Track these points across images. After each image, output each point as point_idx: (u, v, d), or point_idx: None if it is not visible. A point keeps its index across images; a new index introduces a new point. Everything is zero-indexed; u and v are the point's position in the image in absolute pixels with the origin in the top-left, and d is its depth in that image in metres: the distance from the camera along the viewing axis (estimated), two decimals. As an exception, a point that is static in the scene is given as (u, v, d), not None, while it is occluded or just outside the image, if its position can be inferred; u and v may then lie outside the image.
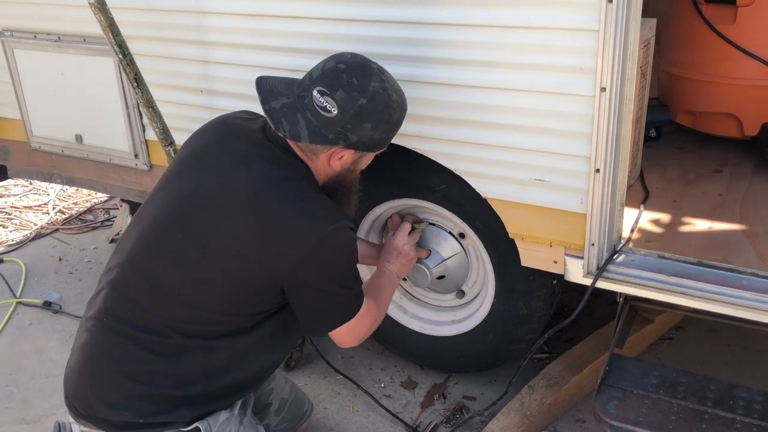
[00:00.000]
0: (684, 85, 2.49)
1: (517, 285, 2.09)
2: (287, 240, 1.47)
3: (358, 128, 1.51)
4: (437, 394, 2.39)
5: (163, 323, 1.52)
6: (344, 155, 1.56)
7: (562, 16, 1.61)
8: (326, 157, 1.57)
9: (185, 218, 1.52)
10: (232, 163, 1.55)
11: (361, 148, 1.57)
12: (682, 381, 1.88)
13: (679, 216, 2.07)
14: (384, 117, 1.54)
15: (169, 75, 2.29)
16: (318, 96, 1.48)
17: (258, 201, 1.49)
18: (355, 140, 1.53)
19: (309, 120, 1.50)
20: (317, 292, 1.54)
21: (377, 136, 1.56)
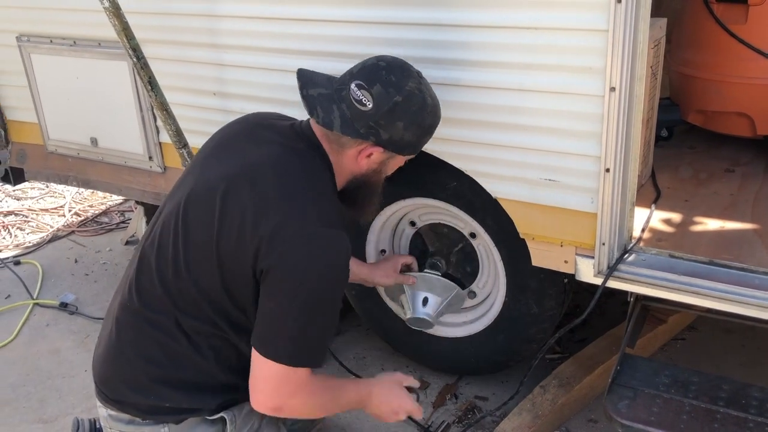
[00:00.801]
0: (695, 85, 2.49)
1: (529, 284, 2.10)
2: (273, 222, 1.42)
3: (390, 125, 1.51)
4: (449, 394, 2.40)
5: (181, 309, 1.52)
6: (373, 153, 1.55)
7: (570, 17, 1.62)
8: (355, 153, 1.56)
9: (204, 201, 1.52)
10: (253, 147, 1.56)
11: (390, 148, 1.56)
12: (694, 380, 1.87)
13: (691, 215, 2.07)
14: (417, 119, 1.54)
15: (182, 78, 2.31)
16: (355, 89, 1.49)
17: (263, 176, 1.48)
18: (386, 138, 1.52)
19: (343, 111, 1.50)
20: (273, 293, 1.44)
21: (408, 137, 1.55)
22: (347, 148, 1.55)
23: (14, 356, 2.77)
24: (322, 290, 1.44)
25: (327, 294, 1.45)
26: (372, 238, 2.34)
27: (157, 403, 1.54)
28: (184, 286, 1.51)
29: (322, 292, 1.44)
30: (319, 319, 1.46)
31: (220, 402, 1.57)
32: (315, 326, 1.46)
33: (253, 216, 1.43)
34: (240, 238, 1.44)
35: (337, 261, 1.45)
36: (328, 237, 1.44)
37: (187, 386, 1.55)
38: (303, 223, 1.43)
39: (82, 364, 2.68)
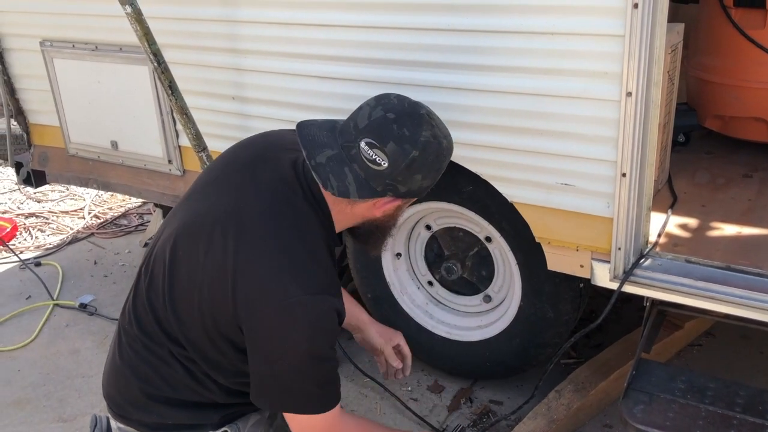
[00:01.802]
0: (713, 90, 2.48)
1: (544, 288, 2.10)
2: (252, 286, 1.37)
3: (409, 180, 1.42)
4: (464, 398, 2.40)
5: (172, 340, 1.51)
6: (390, 204, 1.49)
7: (587, 22, 1.63)
8: (370, 205, 1.48)
9: (193, 239, 1.48)
10: (250, 186, 1.50)
11: (408, 196, 1.49)
12: (710, 386, 1.86)
13: (708, 221, 2.06)
14: (435, 166, 1.45)
15: (202, 82, 2.34)
16: (367, 149, 1.38)
17: (251, 226, 1.43)
18: (404, 191, 1.45)
19: (356, 173, 1.40)
20: (257, 357, 1.41)
21: (426, 184, 1.47)
22: (360, 202, 1.47)
23: (34, 356, 2.81)
24: (305, 360, 1.38)
25: (312, 361, 1.39)
26: (388, 241, 2.35)
27: (159, 421, 1.55)
28: (171, 319, 1.49)
29: (306, 362, 1.38)
30: (308, 373, 1.41)
31: (222, 415, 1.56)
32: (307, 378, 1.42)
33: (233, 273, 1.38)
34: (221, 291, 1.40)
35: (318, 328, 1.37)
36: (308, 306, 1.36)
37: (187, 405, 1.54)
38: (281, 292, 1.36)
39: (100, 364, 2.68)
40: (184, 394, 1.54)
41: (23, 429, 2.41)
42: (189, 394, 1.54)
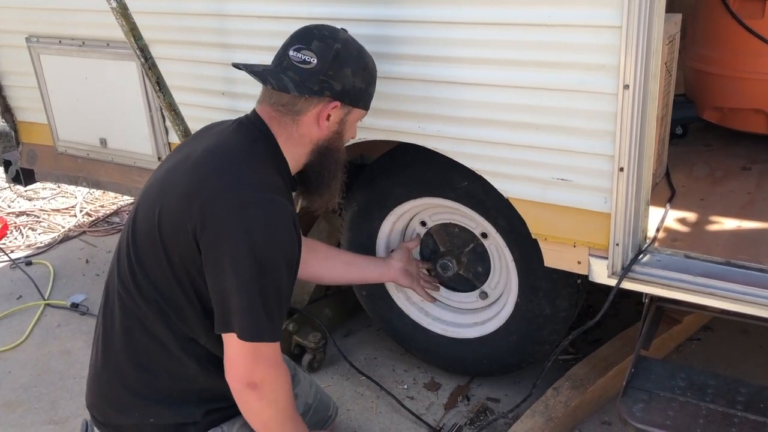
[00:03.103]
0: (711, 81, 2.45)
1: (541, 284, 2.07)
2: (204, 198, 1.41)
3: (340, 73, 1.54)
4: (461, 395, 2.38)
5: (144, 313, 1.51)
6: (331, 114, 1.57)
7: (583, 13, 1.59)
8: (313, 117, 1.56)
9: (147, 198, 1.54)
10: (195, 143, 1.60)
11: (346, 100, 1.58)
12: (711, 383, 1.84)
13: (707, 215, 2.03)
14: (360, 63, 1.59)
15: (190, 78, 2.30)
16: (295, 53, 1.54)
17: (196, 160, 1.49)
18: (339, 89, 1.55)
19: (292, 77, 1.53)
20: (217, 271, 1.41)
21: (358, 83, 1.59)
22: (303, 115, 1.56)
23: (26, 357, 2.77)
24: (264, 256, 1.39)
25: (270, 260, 1.40)
26: (382, 238, 2.33)
27: (140, 422, 1.52)
28: (140, 282, 1.50)
29: (264, 259, 1.39)
30: (269, 288, 1.41)
31: (204, 410, 1.54)
32: (265, 296, 1.41)
33: (186, 199, 1.43)
34: (178, 221, 1.43)
35: (275, 224, 1.41)
36: (262, 202, 1.42)
37: (167, 397, 1.53)
38: (234, 194, 1.41)
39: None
40: (164, 380, 1.52)
41: (14, 431, 2.38)
42: (168, 378, 1.52)
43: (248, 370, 1.45)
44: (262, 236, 1.39)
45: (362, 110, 1.67)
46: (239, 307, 1.40)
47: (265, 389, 1.47)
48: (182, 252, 1.44)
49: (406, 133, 1.96)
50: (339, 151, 1.66)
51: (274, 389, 1.49)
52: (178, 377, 1.53)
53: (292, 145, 1.58)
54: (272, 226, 1.41)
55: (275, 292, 1.43)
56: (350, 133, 1.69)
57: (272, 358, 1.46)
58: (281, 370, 1.49)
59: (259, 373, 1.45)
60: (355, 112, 1.64)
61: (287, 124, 1.57)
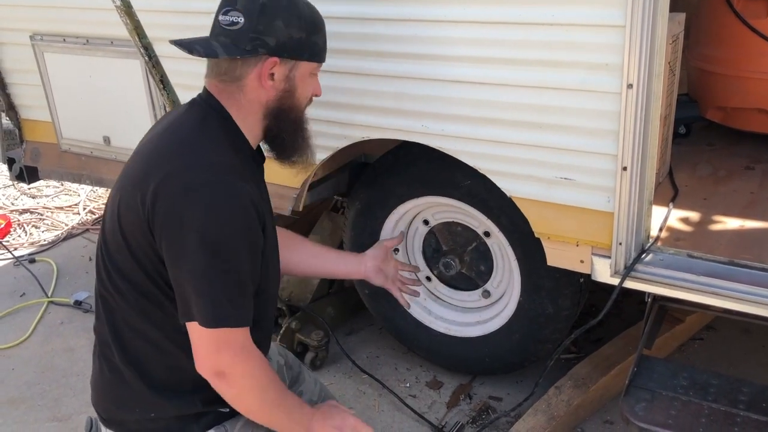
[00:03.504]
0: (715, 81, 2.45)
1: (544, 283, 2.07)
2: (154, 184, 1.35)
3: (270, 27, 1.43)
4: (463, 394, 2.38)
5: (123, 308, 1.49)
6: (274, 71, 1.46)
7: (587, 13, 1.59)
8: (255, 80, 1.46)
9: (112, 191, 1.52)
10: (158, 124, 1.58)
11: (285, 54, 1.45)
12: (713, 383, 1.84)
13: (710, 214, 2.03)
14: (293, 11, 1.46)
15: (194, 77, 2.30)
16: (223, 17, 1.46)
17: (147, 144, 1.47)
18: (273, 44, 1.43)
19: (222, 41, 1.45)
20: (173, 257, 1.35)
21: (295, 34, 1.45)
22: (245, 79, 1.46)
23: (29, 354, 2.78)
24: (216, 240, 1.32)
25: (223, 243, 1.33)
26: (385, 236, 2.33)
27: (142, 416, 1.50)
28: (114, 279, 1.47)
29: (217, 243, 1.33)
30: (227, 272, 1.35)
31: (203, 397, 1.49)
32: (223, 281, 1.34)
33: (138, 187, 1.38)
34: (134, 210, 1.38)
35: (224, 206, 1.34)
36: (210, 183, 1.35)
37: (165, 390, 1.49)
38: (180, 179, 1.35)
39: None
40: (157, 372, 1.49)
41: (18, 428, 2.38)
42: (161, 370, 1.49)
43: (212, 358, 1.38)
44: (211, 220, 1.32)
45: (311, 62, 1.51)
46: (196, 294, 1.34)
47: (234, 377, 1.40)
48: (141, 241, 1.39)
49: (410, 132, 1.96)
50: (294, 110, 1.53)
51: (244, 377, 1.41)
52: (170, 370, 1.50)
53: (245, 115, 1.49)
54: (221, 208, 1.34)
55: (234, 276, 1.36)
56: (307, 89, 1.54)
57: (237, 344, 1.39)
58: (250, 356, 1.41)
59: (224, 361, 1.38)
60: (303, 65, 1.49)
61: (234, 93, 1.48)
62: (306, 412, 1.51)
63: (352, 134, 2.06)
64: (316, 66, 1.54)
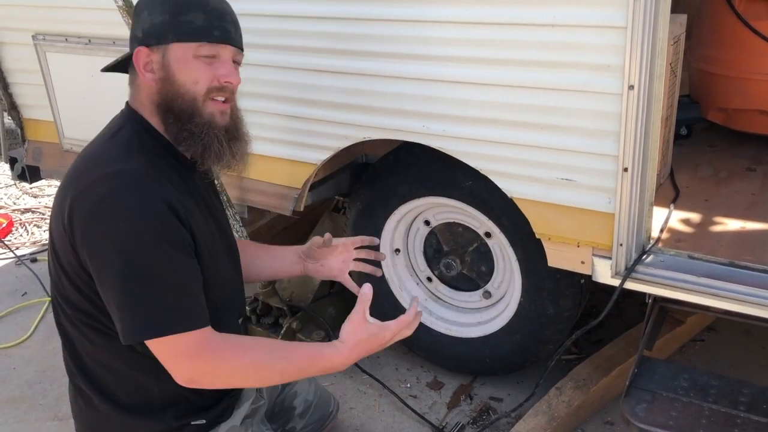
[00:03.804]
0: (716, 82, 2.45)
1: (545, 284, 2.07)
2: (67, 208, 1.33)
3: (138, 21, 1.41)
4: (463, 394, 2.38)
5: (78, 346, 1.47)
6: (147, 59, 1.40)
7: (588, 13, 1.59)
8: (141, 74, 1.41)
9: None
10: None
11: (152, 41, 1.38)
12: (714, 384, 1.84)
13: (711, 215, 2.03)
14: (153, 0, 1.40)
15: (196, 76, 2.30)
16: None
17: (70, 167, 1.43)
18: (141, 34, 1.40)
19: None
20: (100, 277, 1.31)
21: (157, 19, 1.38)
22: (135, 78, 1.44)
23: (30, 354, 2.78)
24: (132, 248, 1.27)
25: (141, 250, 1.28)
26: (386, 236, 2.33)
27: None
28: (63, 307, 1.44)
29: (133, 251, 1.27)
30: (153, 278, 1.29)
31: (174, 413, 1.47)
32: (150, 287, 1.28)
33: (59, 210, 1.36)
34: (60, 235, 1.36)
35: (136, 209, 1.28)
36: (119, 191, 1.29)
37: (134, 411, 1.46)
38: (91, 192, 1.30)
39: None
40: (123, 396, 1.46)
41: (18, 427, 2.39)
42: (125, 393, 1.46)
43: (176, 369, 1.33)
44: (122, 229, 1.27)
45: (182, 43, 1.38)
46: (127, 308, 1.29)
47: (206, 377, 1.36)
48: (74, 264, 1.36)
49: (411, 133, 1.96)
50: (179, 98, 1.40)
51: (217, 373, 1.35)
52: (133, 391, 1.46)
53: (148, 115, 1.44)
54: (130, 214, 1.28)
55: (164, 280, 1.30)
56: (191, 73, 1.39)
57: (190, 348, 1.32)
58: (207, 353, 1.33)
59: (186, 368, 1.33)
60: (174, 48, 1.38)
61: (135, 95, 1.45)
62: (321, 351, 1.44)
63: (353, 134, 2.07)
64: (194, 46, 1.39)
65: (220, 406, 1.56)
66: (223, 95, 1.43)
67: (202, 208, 1.49)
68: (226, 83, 1.42)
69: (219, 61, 1.41)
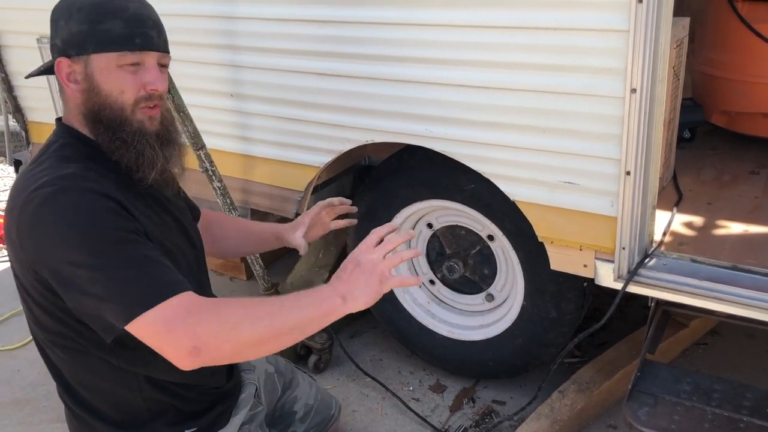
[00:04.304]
0: (719, 85, 2.44)
1: (547, 287, 2.07)
2: (13, 222, 1.30)
3: (55, 30, 1.37)
4: (466, 398, 2.38)
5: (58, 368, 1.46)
6: (69, 69, 1.36)
7: (590, 17, 1.59)
8: (65, 85, 1.37)
9: None
10: None
11: (72, 52, 1.34)
12: (717, 388, 1.84)
13: (714, 219, 2.03)
14: (70, 7, 1.35)
15: (199, 80, 2.32)
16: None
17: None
18: (60, 45, 1.36)
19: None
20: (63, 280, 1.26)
21: (75, 28, 1.34)
22: (61, 89, 1.40)
23: (34, 355, 2.76)
24: (84, 238, 1.23)
25: (95, 242, 1.23)
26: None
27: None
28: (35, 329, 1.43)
29: (87, 239, 1.23)
30: (111, 259, 1.23)
31: (165, 421, 1.46)
32: (115, 268, 1.23)
33: (8, 231, 1.33)
34: (16, 256, 1.34)
35: (72, 204, 1.25)
36: (53, 194, 1.25)
37: (122, 423, 1.45)
38: (29, 204, 1.26)
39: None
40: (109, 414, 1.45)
41: (22, 429, 2.39)
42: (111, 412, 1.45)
43: (175, 343, 1.23)
44: (66, 227, 1.23)
45: (103, 53, 1.34)
46: (102, 298, 1.22)
47: (210, 342, 1.23)
48: (34, 284, 1.33)
49: (414, 136, 1.96)
50: (106, 109, 1.36)
51: (216, 334, 1.24)
52: (117, 407, 1.45)
53: (81, 126, 1.40)
54: (69, 210, 1.25)
55: (128, 261, 1.24)
56: (116, 83, 1.35)
57: (181, 312, 1.23)
58: (203, 313, 1.24)
59: (184, 337, 1.22)
60: (95, 58, 1.34)
61: (66, 107, 1.41)
62: (319, 287, 1.35)
63: (355, 137, 2.07)
64: (115, 56, 1.34)
65: (213, 413, 1.54)
66: (151, 102, 1.40)
67: (149, 203, 1.44)
68: (152, 90, 1.38)
69: (144, 68, 1.37)
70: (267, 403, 1.79)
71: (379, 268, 1.35)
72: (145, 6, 1.42)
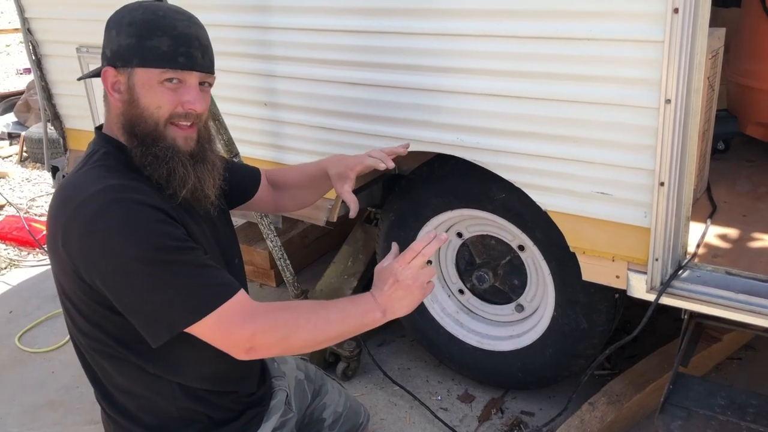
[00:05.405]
0: (755, 96, 2.41)
1: (578, 298, 2.06)
2: (59, 234, 1.32)
3: (108, 39, 1.40)
4: (495, 408, 2.37)
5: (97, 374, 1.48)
6: (114, 79, 1.39)
7: (626, 28, 1.59)
8: (109, 93, 1.41)
9: None
10: None
11: (118, 63, 1.37)
12: (752, 403, 1.81)
13: (749, 231, 2.00)
14: (122, 19, 1.39)
15: (234, 89, 2.35)
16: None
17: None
18: (110, 54, 1.39)
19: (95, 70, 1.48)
20: (117, 290, 1.29)
21: (124, 41, 1.37)
22: (105, 96, 1.43)
23: (69, 358, 2.84)
24: (142, 248, 1.27)
25: (149, 245, 1.27)
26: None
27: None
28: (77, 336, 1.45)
29: (145, 249, 1.27)
30: (172, 263, 1.28)
31: (196, 429, 1.49)
32: (174, 274, 1.28)
33: (53, 246, 1.36)
34: (62, 269, 1.35)
35: (125, 217, 1.28)
36: (105, 206, 1.28)
37: (156, 428, 1.48)
38: (78, 218, 1.29)
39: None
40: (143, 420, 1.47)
41: (56, 430, 2.44)
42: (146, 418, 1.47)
43: (235, 340, 1.32)
44: (122, 238, 1.26)
45: (146, 68, 1.36)
46: (165, 302, 1.28)
47: (263, 340, 1.33)
48: (80, 295, 1.35)
49: (445, 145, 1.97)
50: (141, 122, 1.39)
51: (269, 335, 1.34)
52: (150, 413, 1.47)
53: (121, 135, 1.42)
54: (124, 224, 1.27)
55: (186, 267, 1.29)
56: (154, 99, 1.37)
57: (242, 311, 1.32)
58: (257, 316, 1.33)
59: (243, 335, 1.31)
60: (138, 72, 1.36)
61: (108, 115, 1.44)
62: (361, 298, 1.44)
63: (387, 147, 2.08)
64: (158, 72, 1.36)
65: (242, 420, 1.56)
66: (188, 120, 1.42)
67: (194, 215, 1.47)
68: (190, 110, 1.40)
69: (184, 87, 1.39)
70: (297, 410, 1.80)
71: (419, 282, 1.43)
72: (195, 25, 1.44)
